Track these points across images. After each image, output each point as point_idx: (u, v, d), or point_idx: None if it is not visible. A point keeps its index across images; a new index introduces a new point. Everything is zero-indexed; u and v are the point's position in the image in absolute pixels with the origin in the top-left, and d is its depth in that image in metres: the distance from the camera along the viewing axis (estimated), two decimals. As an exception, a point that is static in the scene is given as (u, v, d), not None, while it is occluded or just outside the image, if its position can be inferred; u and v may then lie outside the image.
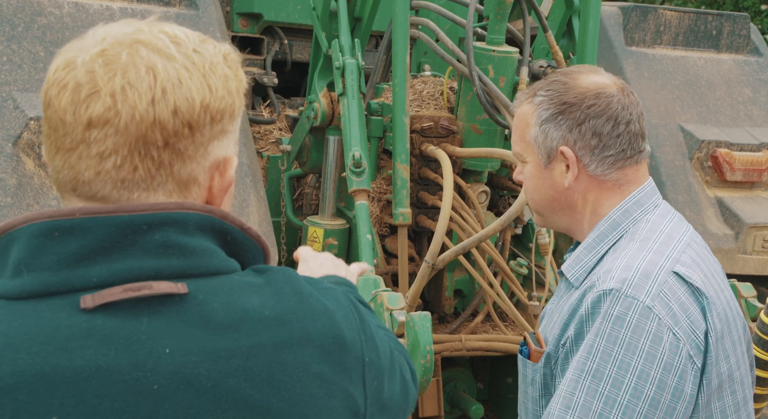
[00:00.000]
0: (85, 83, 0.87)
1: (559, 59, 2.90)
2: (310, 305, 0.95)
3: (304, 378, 0.92)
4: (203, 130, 0.91)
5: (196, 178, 0.92)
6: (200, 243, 0.90)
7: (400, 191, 2.64)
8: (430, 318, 1.99)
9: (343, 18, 2.76)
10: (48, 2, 2.42)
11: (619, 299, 1.24)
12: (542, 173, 1.40)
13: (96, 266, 0.86)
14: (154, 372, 0.85)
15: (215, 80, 0.91)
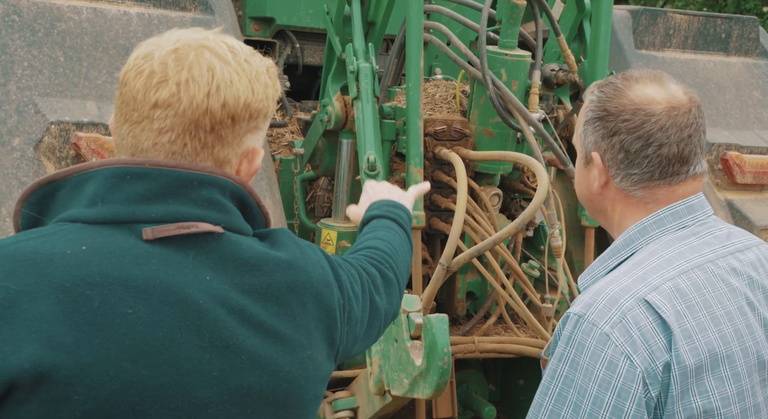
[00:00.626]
0: (158, 72, 1.09)
1: (571, 63, 2.92)
2: (308, 256, 1.20)
3: (303, 314, 1.15)
4: (242, 123, 1.13)
5: (230, 160, 1.14)
6: (231, 206, 1.13)
7: (413, 194, 2.65)
8: (447, 320, 2.00)
9: (356, 22, 2.79)
10: (67, 8, 2.45)
11: (582, 324, 1.24)
12: (582, 171, 1.39)
13: (156, 205, 1.08)
14: (200, 291, 1.07)
15: (258, 86, 1.14)
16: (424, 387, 2.03)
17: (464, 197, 2.51)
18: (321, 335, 1.18)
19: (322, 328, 1.18)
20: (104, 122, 2.35)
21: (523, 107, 2.65)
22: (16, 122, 2.25)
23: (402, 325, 2.10)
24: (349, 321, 1.25)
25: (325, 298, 1.19)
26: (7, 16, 2.36)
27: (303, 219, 3.23)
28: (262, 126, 1.17)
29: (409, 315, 2.09)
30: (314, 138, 3.10)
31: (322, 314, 1.18)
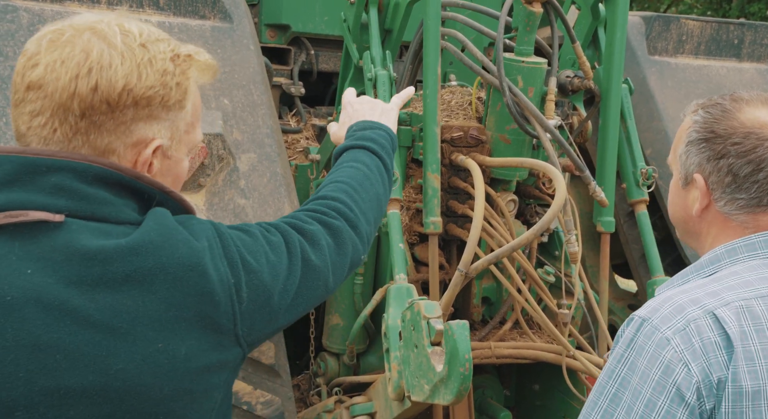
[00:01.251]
0: (33, 53, 1.07)
1: (587, 69, 2.94)
2: (170, 238, 1.08)
3: (149, 303, 1.04)
4: (126, 110, 1.06)
5: (114, 150, 1.08)
6: (96, 192, 1.05)
7: (431, 200, 2.67)
8: (468, 327, 2.02)
9: (374, 30, 2.81)
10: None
11: (645, 327, 1.23)
12: (679, 192, 1.36)
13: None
14: (11, 286, 1.00)
15: (150, 71, 1.07)
16: (445, 393, 2.04)
17: (482, 204, 2.52)
18: (188, 323, 1.06)
19: (189, 315, 1.07)
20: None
21: (539, 113, 2.67)
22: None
23: (422, 331, 2.12)
24: (251, 298, 1.14)
25: (190, 282, 1.07)
26: (32, 26, 2.39)
27: (319, 225, 3.25)
28: (164, 116, 1.09)
29: (430, 322, 2.11)
30: (330, 144, 3.12)
31: (189, 299, 1.07)
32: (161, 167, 1.14)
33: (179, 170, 1.17)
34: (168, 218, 1.11)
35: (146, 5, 2.66)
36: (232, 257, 1.13)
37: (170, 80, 1.09)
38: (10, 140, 2.29)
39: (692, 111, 1.35)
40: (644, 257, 3.14)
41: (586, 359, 2.65)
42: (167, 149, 1.13)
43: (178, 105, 1.11)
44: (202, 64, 1.15)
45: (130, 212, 1.09)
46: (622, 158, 3.01)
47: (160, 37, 1.12)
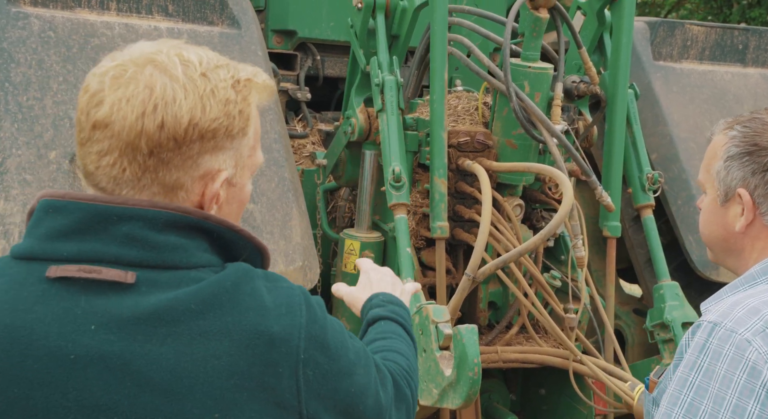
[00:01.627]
0: (98, 91, 1.03)
1: (593, 75, 2.95)
2: (240, 302, 1.03)
3: (211, 369, 1.00)
4: (192, 145, 1.04)
5: (182, 184, 1.05)
6: (167, 239, 1.03)
7: (438, 205, 2.69)
8: (477, 331, 2.03)
9: (381, 36, 2.83)
10: (100, 24, 2.50)
11: (718, 332, 1.19)
12: (716, 210, 1.34)
13: (70, 243, 1.02)
14: (75, 344, 0.98)
15: (213, 102, 1.04)
16: (454, 397, 2.05)
17: (489, 208, 2.54)
18: (250, 393, 1.02)
19: (252, 385, 1.02)
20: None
21: (546, 118, 2.68)
22: (52, 135, 2.30)
23: (431, 335, 2.13)
24: (319, 380, 1.07)
25: (256, 350, 1.02)
26: (43, 33, 2.41)
27: (326, 229, 3.26)
28: (228, 145, 1.07)
29: (438, 326, 2.12)
30: (337, 149, 3.14)
31: (253, 368, 1.01)
32: (227, 196, 1.11)
33: (243, 196, 1.14)
34: (245, 278, 1.06)
35: (155, 12, 2.68)
36: (312, 332, 1.07)
37: (233, 109, 1.06)
38: (21, 146, 2.31)
39: (724, 128, 1.34)
40: (650, 261, 3.15)
41: (593, 363, 2.65)
42: (232, 177, 1.09)
43: (241, 133, 1.08)
44: (261, 86, 1.12)
45: (202, 254, 1.06)
46: (628, 163, 3.02)
47: (219, 62, 1.09)
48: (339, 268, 3.01)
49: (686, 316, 2.80)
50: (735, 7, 11.80)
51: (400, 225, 2.63)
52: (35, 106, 2.33)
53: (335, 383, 1.09)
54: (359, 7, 2.83)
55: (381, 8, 2.82)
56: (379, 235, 2.99)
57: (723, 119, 1.39)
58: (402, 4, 2.82)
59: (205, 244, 1.06)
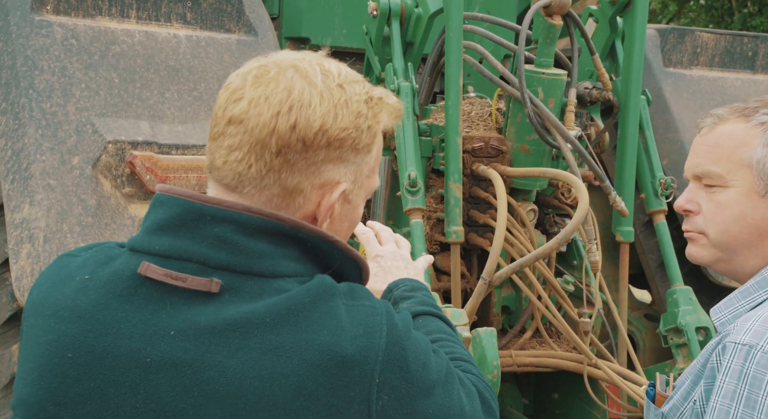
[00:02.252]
0: (238, 88, 1.05)
1: (605, 81, 2.98)
2: (316, 320, 1.00)
3: (278, 387, 0.97)
4: (318, 151, 1.04)
5: (302, 190, 1.05)
6: (256, 245, 1.02)
7: (453, 210, 2.71)
8: (496, 334, 2.05)
9: (396, 42, 2.86)
10: (121, 32, 2.54)
11: (756, 355, 1.10)
12: (755, 203, 1.22)
13: (165, 237, 1.02)
14: (153, 348, 0.99)
15: (344, 113, 1.05)
16: (473, 398, 2.07)
17: (504, 213, 2.56)
18: (315, 415, 0.99)
19: (318, 408, 0.99)
20: (157, 141, 2.43)
21: (560, 124, 2.71)
22: (75, 141, 2.34)
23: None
24: (394, 405, 1.03)
25: (326, 371, 0.98)
26: (66, 40, 2.45)
27: (340, 235, 3.29)
28: (351, 159, 1.07)
29: (456, 329, 2.14)
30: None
31: (322, 390, 0.99)
32: (341, 211, 1.10)
33: (355, 216, 1.13)
34: (325, 295, 1.03)
35: (174, 20, 2.72)
36: (391, 355, 1.03)
37: (363, 123, 1.07)
38: (45, 152, 2.35)
39: (736, 116, 1.24)
40: (661, 266, 3.17)
41: (607, 367, 2.67)
42: (349, 193, 1.09)
43: (366, 149, 1.08)
44: (391, 108, 1.12)
45: (289, 263, 1.04)
46: (640, 169, 3.04)
47: (356, 78, 1.09)
48: (354, 273, 3.03)
49: (699, 321, 2.82)
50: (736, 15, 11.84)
51: (416, 230, 2.66)
52: (58, 112, 2.37)
53: (412, 406, 1.05)
54: (374, 14, 2.87)
55: (396, 15, 2.86)
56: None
57: (719, 109, 1.30)
58: (417, 11, 2.86)
59: (297, 253, 1.04)
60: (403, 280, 1.37)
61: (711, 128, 1.28)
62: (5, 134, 2.36)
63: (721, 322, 1.24)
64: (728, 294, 1.30)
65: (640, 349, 3.61)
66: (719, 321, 1.24)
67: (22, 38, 2.43)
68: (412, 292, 1.33)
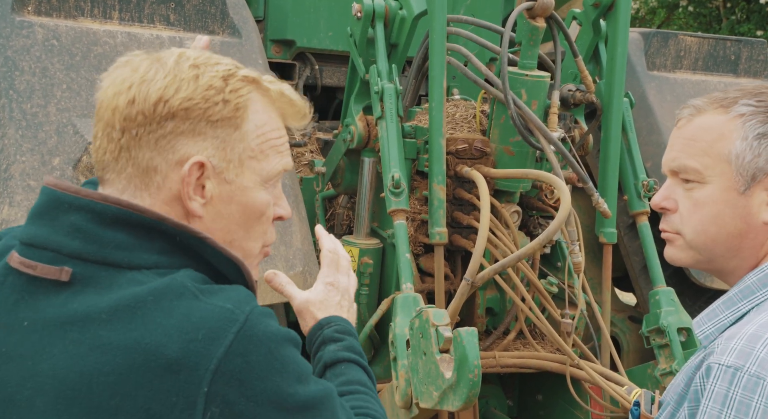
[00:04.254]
0: (104, 77, 1.08)
1: (588, 83, 3.00)
2: (152, 319, 0.97)
3: (95, 386, 0.95)
4: (163, 122, 1.03)
5: (156, 167, 1.03)
6: (114, 235, 1.01)
7: (436, 211, 2.72)
8: (477, 334, 2.06)
9: (380, 44, 2.87)
10: (103, 32, 2.53)
11: (742, 378, 1.02)
12: (733, 200, 1.14)
13: (31, 226, 1.04)
14: (9, 338, 1.00)
15: (189, 85, 1.03)
16: (454, 399, 2.07)
17: (487, 215, 2.57)
18: (129, 418, 0.95)
19: (133, 409, 0.95)
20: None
21: (543, 126, 2.72)
22: (56, 142, 2.33)
23: (431, 339, 2.15)
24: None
25: (148, 372, 0.94)
26: (47, 41, 2.44)
27: (324, 236, 3.29)
28: (209, 132, 1.04)
29: (438, 329, 2.14)
30: (336, 157, 3.17)
31: (139, 391, 0.94)
32: (220, 193, 1.06)
33: (248, 200, 1.08)
34: (171, 293, 0.99)
35: (157, 21, 2.71)
36: (230, 366, 0.96)
37: (214, 95, 1.04)
38: (25, 153, 2.34)
39: (715, 108, 1.16)
40: (645, 268, 3.18)
41: (590, 368, 2.68)
42: (222, 170, 1.06)
43: (227, 123, 1.05)
44: (265, 90, 1.09)
45: (150, 256, 1.01)
46: (623, 170, 3.06)
47: (223, 64, 1.08)
48: (338, 274, 3.03)
49: (681, 322, 2.83)
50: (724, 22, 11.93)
51: (400, 231, 2.66)
52: (39, 113, 2.36)
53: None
54: (359, 16, 2.87)
55: (380, 17, 2.87)
56: (378, 241, 3.01)
57: (697, 99, 1.20)
58: (401, 13, 2.87)
59: (165, 246, 1.02)
60: (337, 319, 1.30)
61: (688, 120, 1.20)
62: (-15, 134, 2.35)
63: (705, 335, 1.17)
64: (711, 296, 1.23)
65: (624, 351, 3.63)
66: (703, 334, 1.17)
67: (2, 39, 2.42)
68: (343, 335, 1.28)
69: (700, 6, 12.28)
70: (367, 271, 2.95)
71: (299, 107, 1.14)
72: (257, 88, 1.09)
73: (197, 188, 1.06)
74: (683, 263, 1.22)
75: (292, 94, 1.13)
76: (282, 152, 1.12)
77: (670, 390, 1.20)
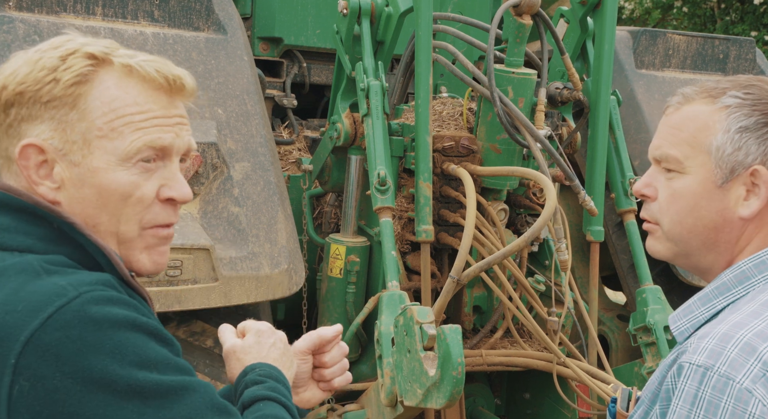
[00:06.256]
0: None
1: (576, 81, 2.99)
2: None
3: None
4: (8, 110, 1.05)
5: (9, 155, 1.06)
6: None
7: (423, 209, 2.71)
8: (461, 331, 2.04)
9: (366, 41, 2.85)
10: (86, 29, 2.51)
11: (711, 378, 1.01)
12: (709, 193, 1.12)
13: None
14: None
15: (27, 69, 1.04)
16: (438, 397, 2.06)
17: (473, 212, 2.56)
18: None
19: None
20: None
21: (530, 123, 2.71)
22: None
23: (415, 336, 2.14)
24: (39, 399, 0.92)
25: None
26: (28, 37, 2.42)
27: (312, 234, 3.28)
28: (44, 114, 1.04)
29: (422, 327, 2.13)
30: (323, 154, 3.16)
31: None
32: (71, 176, 1.05)
33: (102, 182, 1.05)
34: (14, 267, 0.99)
35: (141, 17, 2.69)
36: (46, 340, 0.93)
37: (45, 76, 1.03)
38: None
39: (702, 98, 1.14)
40: (633, 266, 3.18)
41: (576, 366, 2.67)
42: (67, 152, 1.04)
43: (59, 102, 1.04)
44: (123, 68, 1.06)
45: (25, 239, 1.02)
46: (610, 168, 3.06)
47: (81, 43, 1.06)
48: (325, 273, 3.02)
49: (668, 320, 2.83)
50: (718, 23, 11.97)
51: (385, 228, 2.65)
52: (20, 108, 2.33)
53: (70, 405, 0.93)
54: (345, 13, 2.86)
55: (366, 14, 2.85)
56: (365, 239, 3.00)
57: (687, 88, 1.18)
58: (387, 10, 2.85)
59: (47, 232, 1.03)
60: (263, 365, 1.22)
61: (676, 109, 1.18)
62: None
63: (680, 331, 1.15)
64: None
65: (612, 349, 3.62)
66: (677, 330, 1.16)
67: (-16, 34, 2.40)
68: (266, 378, 1.20)
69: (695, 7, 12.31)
70: (354, 269, 2.94)
71: (162, 79, 1.08)
72: (102, 63, 1.06)
73: (47, 172, 1.06)
74: (662, 256, 1.21)
75: (148, 67, 1.08)
76: (144, 128, 1.07)
77: (646, 387, 1.19)
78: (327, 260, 3.00)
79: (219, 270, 2.46)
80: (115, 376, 0.95)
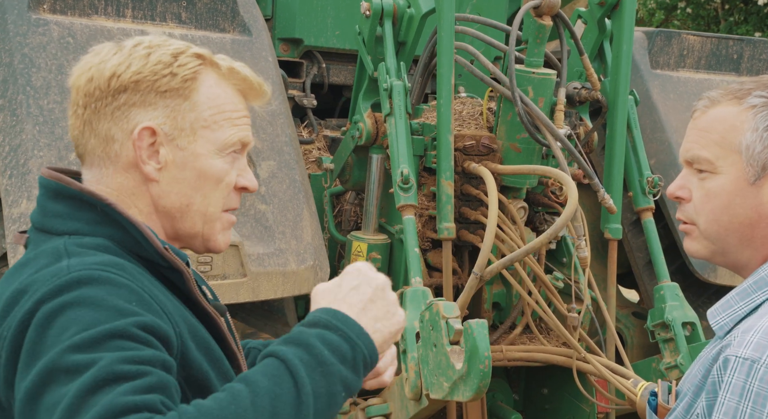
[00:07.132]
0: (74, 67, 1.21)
1: (594, 81, 3.03)
2: (20, 273, 1.10)
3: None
4: (117, 95, 1.14)
5: (112, 136, 1.15)
6: (54, 207, 1.15)
7: (444, 207, 2.76)
8: (487, 325, 2.09)
9: (388, 42, 2.90)
10: (117, 30, 2.57)
11: (759, 370, 1.04)
12: (744, 191, 1.16)
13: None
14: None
15: (140, 62, 1.15)
16: (465, 390, 2.11)
17: (495, 210, 2.60)
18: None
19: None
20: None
21: (550, 123, 2.76)
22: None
23: (441, 331, 2.19)
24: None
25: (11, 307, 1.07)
26: (63, 39, 2.48)
27: (333, 232, 3.33)
28: (159, 102, 1.15)
29: (449, 321, 2.18)
30: (344, 154, 3.21)
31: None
32: (174, 159, 1.16)
33: (202, 166, 1.17)
34: (45, 252, 1.11)
35: (169, 19, 2.75)
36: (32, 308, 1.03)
37: (162, 69, 1.14)
38: (42, 148, 2.38)
39: (728, 99, 1.19)
40: (649, 264, 3.22)
41: (596, 361, 2.71)
42: (174, 137, 1.16)
43: (175, 93, 1.15)
44: (226, 70, 1.19)
45: (75, 224, 1.13)
46: (628, 167, 3.10)
47: (181, 44, 1.18)
48: (346, 270, 3.06)
49: (686, 316, 2.87)
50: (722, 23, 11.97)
51: (409, 226, 2.70)
52: (55, 109, 2.40)
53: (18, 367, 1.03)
54: (367, 14, 2.91)
55: (388, 15, 2.90)
56: (386, 237, 3.05)
57: (712, 91, 1.24)
58: (409, 11, 2.90)
59: (94, 216, 1.14)
60: (323, 311, 1.08)
61: (703, 112, 1.23)
62: (3, 130, 2.39)
63: (719, 325, 1.18)
64: (714, 292, 1.23)
65: (628, 346, 3.66)
66: (717, 325, 1.19)
67: (19, 36, 2.46)
68: (312, 326, 1.06)
69: (698, 8, 12.32)
70: (375, 266, 2.99)
71: (252, 82, 1.22)
72: (208, 64, 1.19)
73: (152, 153, 1.17)
74: (701, 255, 1.24)
75: (244, 71, 1.22)
76: (238, 125, 1.21)
77: (686, 380, 1.22)
78: (348, 257, 3.05)
79: (247, 266, 2.52)
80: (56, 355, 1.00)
